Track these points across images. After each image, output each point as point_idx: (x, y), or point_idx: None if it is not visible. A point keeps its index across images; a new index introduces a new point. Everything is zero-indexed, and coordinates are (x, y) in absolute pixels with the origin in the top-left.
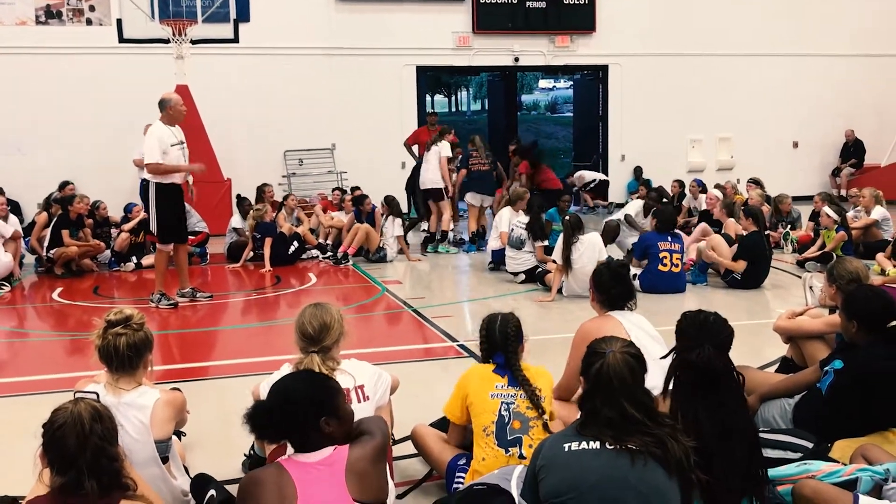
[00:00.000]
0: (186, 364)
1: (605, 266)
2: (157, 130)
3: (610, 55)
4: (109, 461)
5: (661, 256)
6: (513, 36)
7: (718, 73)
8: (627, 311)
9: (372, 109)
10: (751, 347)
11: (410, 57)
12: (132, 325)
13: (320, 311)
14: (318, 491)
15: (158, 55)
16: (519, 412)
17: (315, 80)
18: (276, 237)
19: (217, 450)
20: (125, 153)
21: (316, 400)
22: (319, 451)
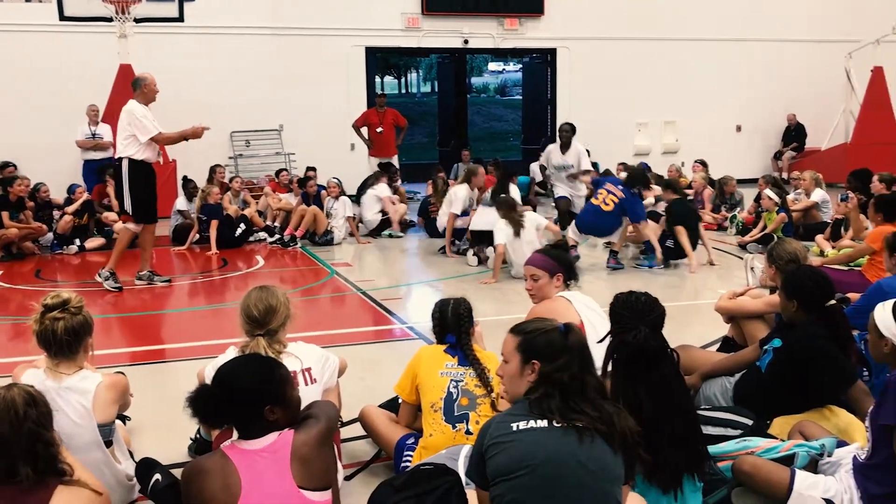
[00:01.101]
0: (131, 348)
1: (553, 246)
2: (139, 108)
3: (558, 38)
4: (45, 446)
5: (599, 193)
6: (462, 18)
7: (664, 57)
8: (573, 290)
9: (320, 90)
10: (693, 327)
11: (359, 38)
12: (70, 310)
13: (266, 294)
14: (262, 479)
15: (101, 34)
16: (467, 389)
17: (262, 61)
18: (222, 219)
19: (162, 434)
20: (67, 134)
21: (261, 387)
22: (264, 438)
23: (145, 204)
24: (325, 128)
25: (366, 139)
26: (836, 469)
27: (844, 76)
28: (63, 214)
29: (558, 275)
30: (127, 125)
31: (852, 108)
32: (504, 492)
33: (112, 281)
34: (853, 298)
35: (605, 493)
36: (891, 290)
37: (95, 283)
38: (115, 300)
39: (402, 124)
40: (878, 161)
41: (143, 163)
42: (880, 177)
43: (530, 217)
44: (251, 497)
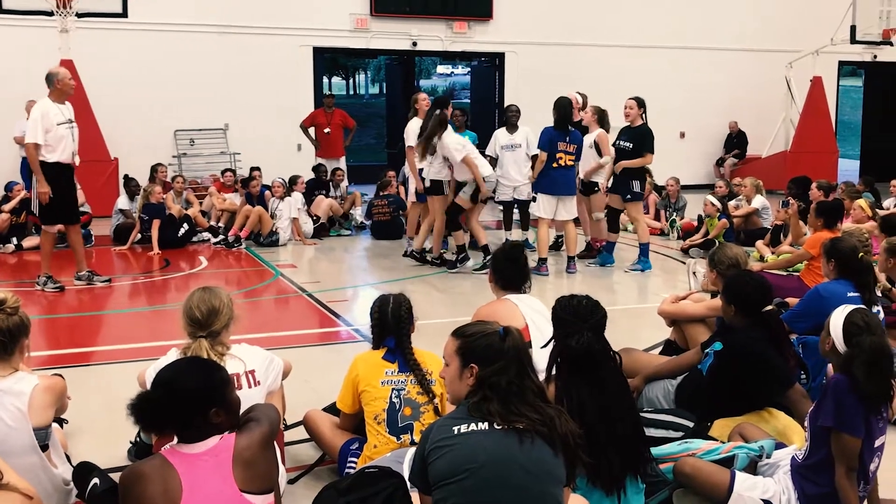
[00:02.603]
0: (70, 349)
1: (500, 249)
2: (42, 107)
3: (506, 42)
4: None
5: (558, 157)
6: (411, 20)
7: (609, 62)
8: (523, 293)
9: (267, 90)
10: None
11: (307, 38)
12: (6, 310)
13: (209, 295)
14: (204, 483)
15: (41, 28)
16: (409, 398)
17: (208, 59)
18: (164, 219)
19: (101, 437)
20: (5, 130)
21: (205, 390)
22: (205, 441)
23: (53, 205)
24: (271, 128)
25: (313, 140)
26: (775, 470)
27: (785, 85)
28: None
29: (492, 277)
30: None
31: (792, 117)
32: (446, 495)
33: (51, 283)
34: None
35: (546, 495)
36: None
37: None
38: (53, 300)
39: (350, 125)
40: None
41: (54, 164)
42: (818, 184)
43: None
44: (193, 500)
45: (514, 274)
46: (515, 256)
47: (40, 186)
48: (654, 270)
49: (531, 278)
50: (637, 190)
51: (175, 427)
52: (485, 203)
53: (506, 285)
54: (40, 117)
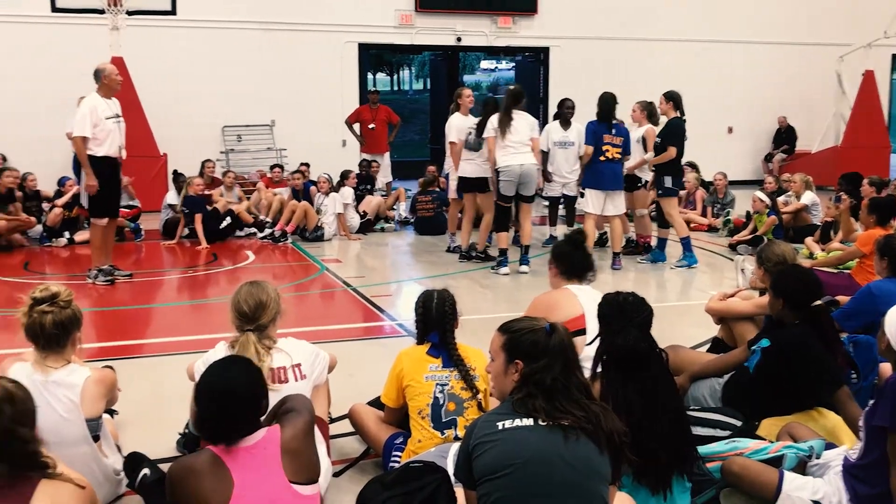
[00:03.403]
0: (120, 342)
1: (566, 238)
2: (90, 102)
3: (551, 37)
4: (21, 444)
5: (604, 149)
6: (455, 15)
7: (657, 57)
8: (586, 283)
9: (313, 86)
10: (683, 328)
11: (352, 34)
12: (59, 303)
13: (256, 290)
14: (254, 476)
15: (93, 26)
16: (454, 394)
17: (255, 55)
18: (205, 212)
19: (151, 428)
20: (58, 126)
21: (255, 387)
22: (252, 435)
23: (101, 198)
24: (317, 124)
25: (358, 136)
26: (825, 471)
27: (836, 79)
28: (53, 207)
29: (552, 265)
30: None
31: (843, 112)
32: (490, 491)
33: (102, 276)
34: (842, 301)
35: (591, 492)
36: (880, 293)
37: (84, 276)
38: (104, 293)
39: (394, 121)
40: (868, 164)
41: (101, 158)
42: (870, 180)
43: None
44: (244, 494)
45: (576, 260)
46: (579, 241)
47: (88, 179)
48: (701, 267)
49: (595, 269)
50: (669, 185)
51: (246, 431)
52: (532, 200)
53: (567, 272)
54: (88, 111)
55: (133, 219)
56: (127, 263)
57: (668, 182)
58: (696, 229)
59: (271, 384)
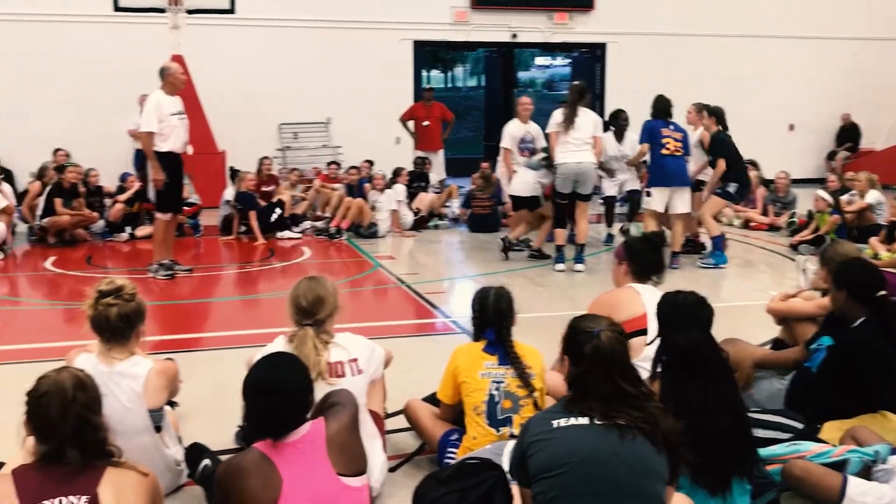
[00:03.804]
0: (180, 335)
1: (643, 238)
2: (156, 98)
3: (608, 33)
4: (92, 430)
5: (664, 142)
6: (511, 12)
7: (715, 53)
8: (651, 284)
9: (368, 84)
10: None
11: (407, 31)
12: (123, 296)
13: (315, 285)
14: (303, 471)
15: (154, 24)
16: (509, 391)
17: (311, 53)
18: (258, 208)
19: (210, 420)
20: (119, 123)
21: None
22: (297, 430)
23: (168, 193)
24: (371, 121)
25: (412, 133)
26: (891, 476)
27: None
28: (115, 202)
29: (624, 263)
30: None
31: None
32: (545, 489)
33: (163, 270)
34: None
35: (647, 492)
36: None
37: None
38: (165, 287)
39: (448, 118)
40: None
41: (166, 154)
42: None
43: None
44: (294, 489)
45: (651, 261)
46: (657, 242)
47: (155, 174)
48: (762, 267)
49: (661, 272)
50: (731, 191)
51: (292, 425)
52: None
53: (638, 272)
54: (154, 107)
55: (192, 215)
56: (186, 258)
57: (731, 188)
58: (756, 228)
59: (328, 378)
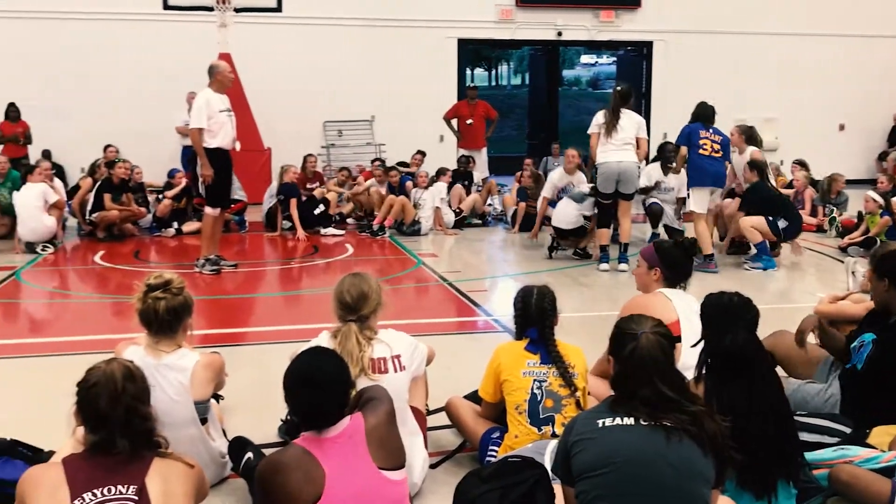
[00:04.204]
0: (226, 329)
1: (675, 244)
2: (205, 95)
3: (655, 31)
4: (141, 420)
5: (702, 143)
6: (556, 9)
7: (765, 52)
8: (679, 289)
9: (412, 82)
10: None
11: (452, 29)
12: (172, 290)
13: (359, 281)
14: (344, 465)
15: (202, 23)
16: (551, 390)
17: (356, 52)
18: (299, 198)
19: (254, 414)
20: (167, 120)
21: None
22: (336, 425)
23: (217, 188)
24: (415, 119)
25: (455, 131)
26: None
27: None
28: (163, 198)
29: (656, 269)
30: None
31: None
32: (589, 488)
33: (209, 266)
34: None
35: (693, 494)
36: None
37: (191, 265)
38: (211, 282)
39: (492, 117)
40: None
41: (214, 150)
42: None
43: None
44: (336, 483)
45: (684, 268)
46: (692, 251)
47: (204, 169)
48: (810, 269)
49: (689, 277)
50: (781, 227)
51: (333, 417)
52: (632, 198)
53: (671, 278)
54: (204, 104)
55: (238, 212)
56: (232, 254)
57: (780, 223)
58: (805, 229)
59: (371, 374)
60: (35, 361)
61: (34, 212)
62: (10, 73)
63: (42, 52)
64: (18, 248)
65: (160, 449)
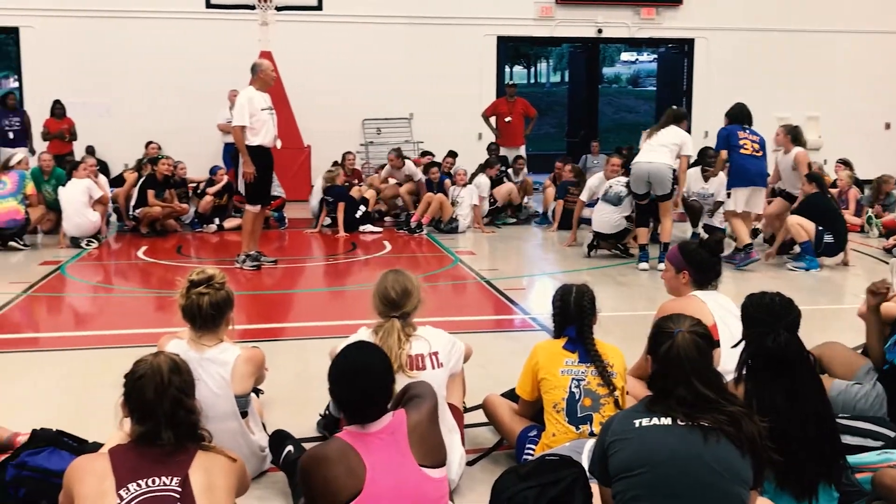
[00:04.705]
0: (265, 324)
1: (702, 245)
2: (248, 93)
3: (696, 28)
4: (186, 413)
5: (741, 143)
6: (596, 7)
7: (808, 49)
8: (711, 289)
9: (450, 80)
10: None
11: (491, 27)
12: (214, 285)
13: (402, 277)
14: (385, 461)
15: (243, 21)
16: (590, 389)
17: (395, 49)
18: (347, 201)
19: (293, 408)
20: (209, 118)
21: (389, 372)
22: (379, 420)
23: (258, 186)
24: (453, 117)
25: (494, 129)
26: None
27: None
28: (204, 195)
29: (684, 272)
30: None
31: None
32: (626, 488)
33: (249, 262)
34: None
35: (731, 495)
36: None
37: (232, 261)
38: (252, 278)
39: (531, 114)
40: None
41: (256, 147)
42: None
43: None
44: (377, 477)
45: (712, 268)
46: (718, 251)
47: (246, 167)
48: (854, 270)
49: (718, 277)
50: (828, 241)
51: (378, 411)
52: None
53: (700, 280)
54: (247, 102)
55: (277, 208)
56: (271, 250)
57: (827, 237)
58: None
59: (409, 371)
60: (79, 354)
61: (79, 207)
62: (56, 70)
63: (86, 51)
64: (63, 243)
65: (204, 442)
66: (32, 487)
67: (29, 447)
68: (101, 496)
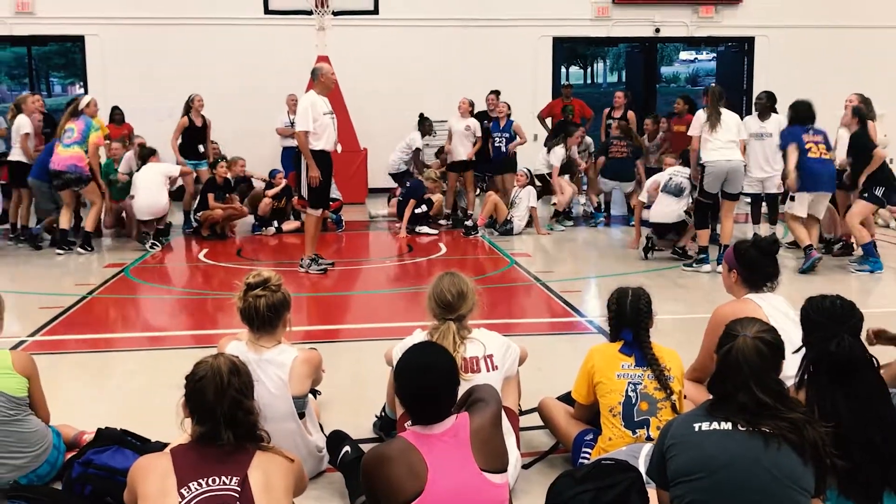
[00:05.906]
0: (323, 326)
1: (753, 244)
2: (310, 98)
3: (757, 26)
4: (245, 413)
5: (807, 147)
6: (654, 6)
7: (873, 46)
8: (768, 292)
9: (506, 81)
10: None
11: (547, 28)
12: (270, 287)
13: (458, 280)
14: (447, 463)
15: (301, 26)
16: (646, 393)
17: (451, 51)
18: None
19: (350, 409)
20: (268, 122)
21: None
22: (444, 422)
23: (320, 189)
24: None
25: (549, 130)
26: None
27: None
28: (263, 197)
29: (734, 271)
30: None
31: None
32: (684, 493)
33: (314, 265)
34: None
35: (791, 502)
36: None
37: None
38: (309, 280)
39: (587, 115)
40: None
41: (318, 152)
42: None
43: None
44: (438, 481)
45: (764, 268)
46: (770, 250)
47: (312, 171)
48: None
49: (776, 279)
50: (878, 194)
51: (443, 412)
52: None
53: (751, 280)
54: (309, 106)
55: (335, 211)
56: (329, 252)
57: (878, 191)
58: None
59: (463, 374)
60: (143, 355)
61: (153, 188)
62: (116, 77)
63: (146, 57)
64: (133, 231)
65: (262, 443)
66: (98, 485)
67: (94, 446)
68: (163, 495)
